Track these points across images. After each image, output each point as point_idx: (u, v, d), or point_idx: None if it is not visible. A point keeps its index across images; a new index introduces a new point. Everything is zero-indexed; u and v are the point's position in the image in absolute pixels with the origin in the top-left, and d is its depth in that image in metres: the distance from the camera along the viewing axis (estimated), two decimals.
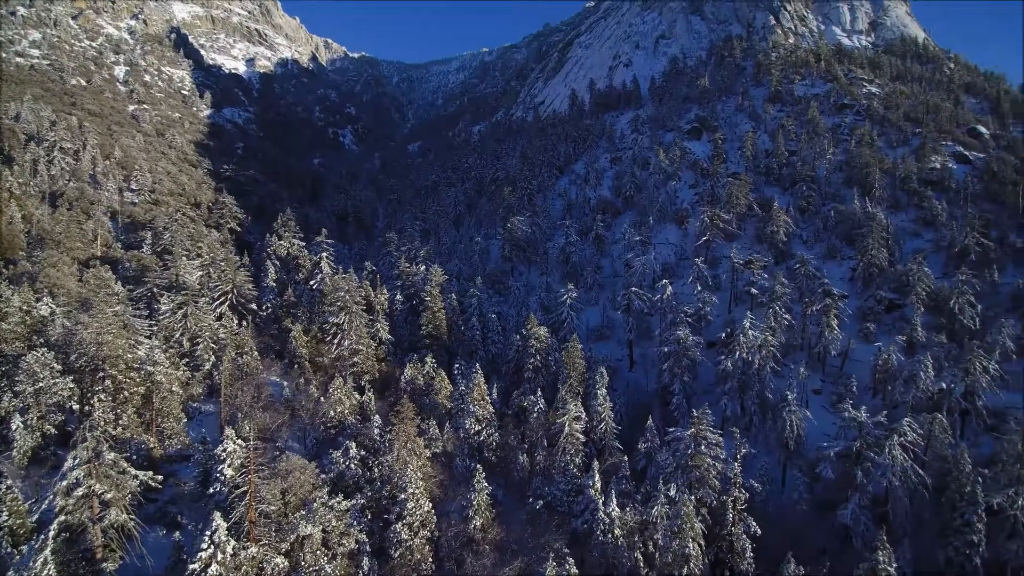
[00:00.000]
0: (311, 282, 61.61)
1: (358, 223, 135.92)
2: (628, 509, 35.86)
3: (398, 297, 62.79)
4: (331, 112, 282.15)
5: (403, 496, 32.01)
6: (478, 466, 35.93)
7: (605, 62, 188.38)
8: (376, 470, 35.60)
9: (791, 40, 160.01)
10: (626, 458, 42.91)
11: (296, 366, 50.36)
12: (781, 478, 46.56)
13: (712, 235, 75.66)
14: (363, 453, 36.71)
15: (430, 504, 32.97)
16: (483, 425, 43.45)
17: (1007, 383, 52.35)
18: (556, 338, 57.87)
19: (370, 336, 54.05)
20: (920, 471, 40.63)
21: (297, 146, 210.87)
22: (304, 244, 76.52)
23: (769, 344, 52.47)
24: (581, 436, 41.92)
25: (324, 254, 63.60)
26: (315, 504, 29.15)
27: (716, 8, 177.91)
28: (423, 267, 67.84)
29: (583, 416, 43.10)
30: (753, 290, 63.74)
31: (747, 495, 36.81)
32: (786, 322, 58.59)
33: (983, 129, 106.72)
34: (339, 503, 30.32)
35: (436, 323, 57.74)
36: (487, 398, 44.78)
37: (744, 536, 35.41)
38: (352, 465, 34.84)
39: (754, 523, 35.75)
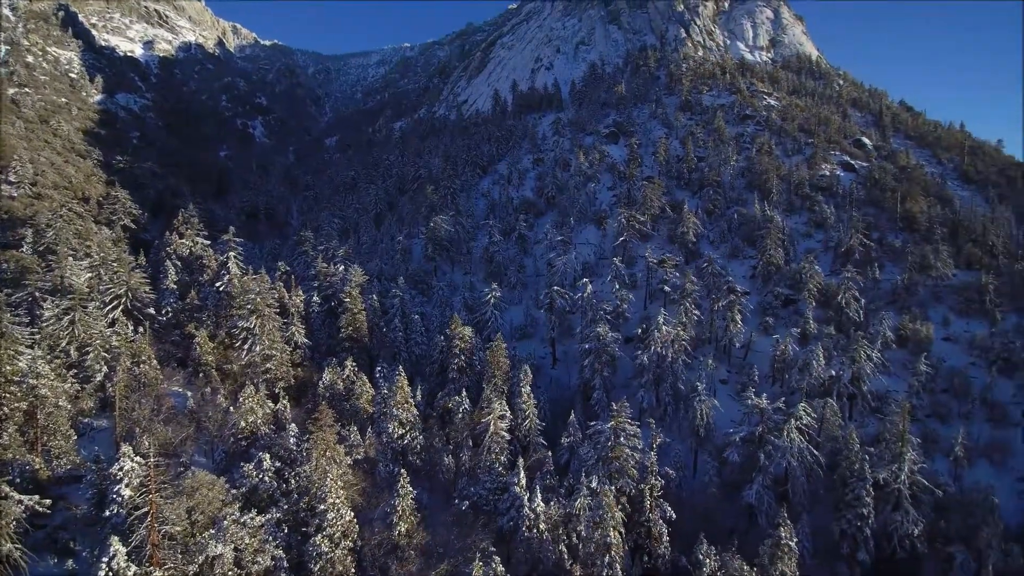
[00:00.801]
0: (217, 284, 57.47)
1: (270, 220, 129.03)
2: (553, 503, 36.68)
3: (315, 299, 60.23)
4: (240, 102, 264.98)
5: (323, 507, 30.75)
6: (402, 471, 35.21)
7: (527, 64, 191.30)
8: (293, 481, 33.93)
9: (700, 53, 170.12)
10: (550, 453, 43.88)
11: (201, 375, 46.88)
12: (693, 464, 49.50)
13: (629, 236, 78.94)
14: (278, 464, 34.85)
15: (352, 513, 31.90)
16: (407, 428, 42.64)
17: (888, 369, 58.94)
18: (480, 337, 57.99)
19: (284, 340, 51.43)
20: (815, 451, 44.62)
21: (201, 137, 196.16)
22: (209, 243, 71.45)
23: (681, 338, 55.62)
24: (506, 434, 42.32)
25: (232, 253, 59.46)
26: (225, 522, 27.33)
27: (632, 19, 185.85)
28: (342, 267, 65.55)
29: (508, 414, 43.55)
30: (666, 288, 67.16)
31: (663, 482, 38.75)
32: (696, 317, 62.41)
33: (867, 140, 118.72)
34: (252, 519, 28.65)
35: (356, 325, 55.98)
36: (411, 401, 44.00)
37: (661, 521, 37.30)
38: (266, 478, 32.96)
39: (669, 508, 37.72)
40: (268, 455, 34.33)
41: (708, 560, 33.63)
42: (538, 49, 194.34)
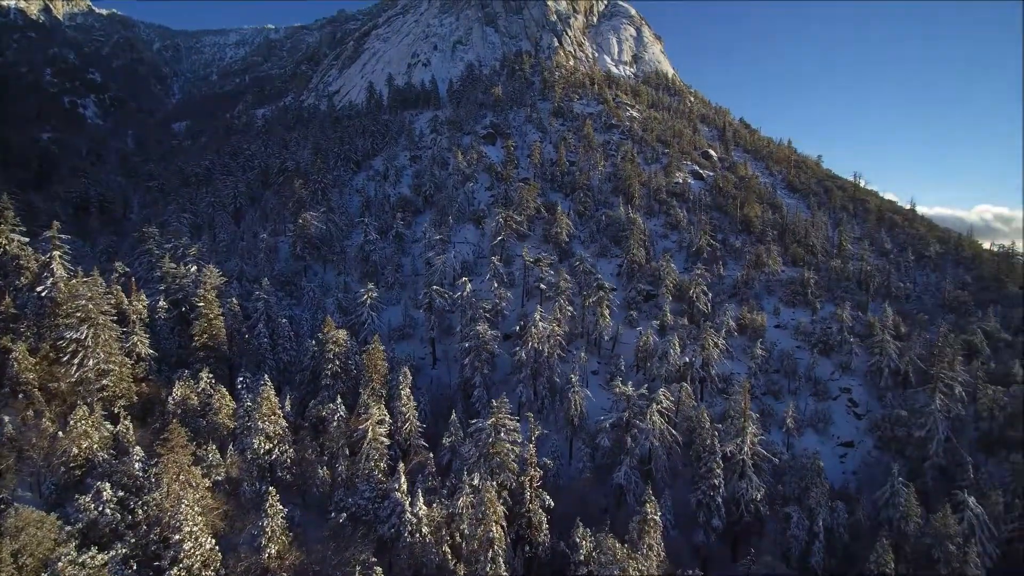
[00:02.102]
0: (39, 288, 48.33)
1: (104, 215, 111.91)
2: (435, 505, 36.24)
3: (161, 304, 53.32)
4: (68, 76, 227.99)
5: (177, 537, 27.38)
6: (270, 488, 32.50)
7: (404, 59, 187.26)
8: (141, 511, 29.78)
9: (571, 63, 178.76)
10: (431, 455, 43.30)
11: (21, 395, 39.29)
12: (569, 452, 51.85)
13: (506, 235, 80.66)
14: (121, 494, 30.42)
15: (213, 540, 28.80)
16: (275, 442, 39.50)
17: (731, 354, 66.56)
18: (356, 340, 55.61)
19: (124, 352, 44.85)
20: (673, 431, 48.97)
21: (18, 115, 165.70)
22: (28, 240, 60.23)
23: (556, 334, 58.03)
24: (385, 439, 40.97)
25: (57, 253, 50.37)
26: (60, 563, 23.44)
27: (508, 23, 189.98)
28: (194, 267, 58.89)
29: (387, 419, 42.20)
30: (542, 285, 69.70)
31: (541, 472, 40.08)
32: (569, 313, 65.53)
33: (713, 152, 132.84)
34: (93, 557, 24.85)
35: (212, 332, 50.51)
36: (278, 412, 40.82)
37: (540, 511, 38.49)
38: (107, 510, 28.62)
39: (548, 497, 39.07)
40: (108, 484, 29.83)
41: (584, 542, 35.38)
42: (415, 44, 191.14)
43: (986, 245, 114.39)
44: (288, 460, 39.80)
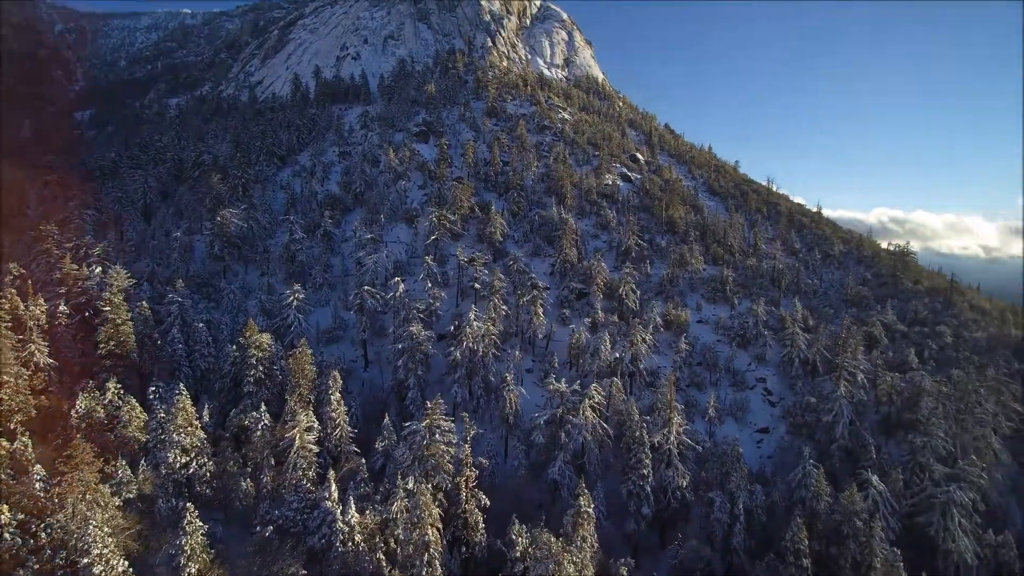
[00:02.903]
0: None
1: None
2: (368, 512, 35.32)
3: (62, 308, 48.68)
4: None
5: (86, 560, 25.30)
6: (188, 504, 30.53)
7: (333, 51, 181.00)
8: (44, 535, 27.34)
9: (505, 63, 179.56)
10: (363, 461, 42.15)
11: None
12: (504, 450, 52.13)
13: (440, 234, 79.86)
14: (22, 517, 27.75)
15: (126, 562, 26.82)
16: (192, 455, 37.14)
17: (658, 349, 69.44)
18: (282, 344, 53.13)
19: (20, 363, 40.68)
20: (605, 425, 50.40)
21: None
22: None
23: (491, 333, 58.12)
24: (314, 447, 39.47)
25: None
26: None
27: (441, 20, 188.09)
28: (99, 269, 54.22)
29: (315, 425, 40.66)
30: (476, 285, 69.62)
31: (477, 472, 40.01)
32: (504, 312, 65.86)
33: (640, 156, 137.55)
34: None
35: (120, 339, 46.65)
36: (196, 423, 38.43)
37: (476, 511, 38.42)
38: (6, 535, 26.10)
39: (484, 496, 39.05)
40: (6, 507, 27.15)
41: (520, 539, 35.68)
42: (344, 37, 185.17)
43: (883, 245, 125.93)
44: (207, 474, 37.56)
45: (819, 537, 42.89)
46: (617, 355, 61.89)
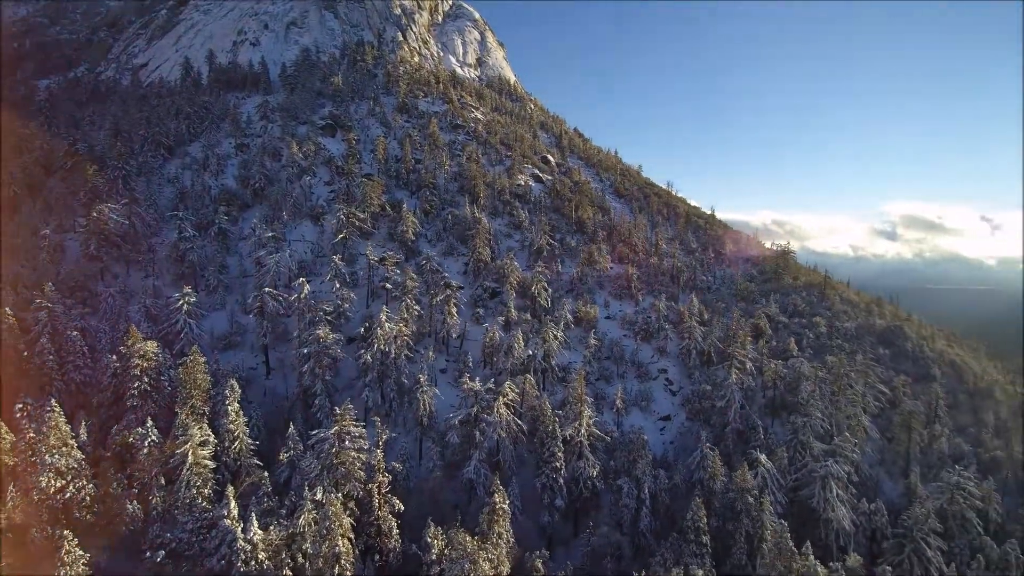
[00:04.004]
0: None
1: None
2: (273, 527, 33.26)
3: None
4: None
5: None
6: (66, 532, 27.35)
7: (229, 35, 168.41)
8: None
9: (416, 59, 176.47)
10: (266, 474, 39.63)
11: None
12: (419, 452, 51.34)
13: (349, 233, 76.96)
14: None
15: None
16: (69, 478, 33.20)
17: (569, 345, 71.52)
18: (170, 353, 48.76)
19: None
20: (519, 421, 51.03)
21: None
22: None
23: (403, 334, 56.89)
24: (210, 462, 36.58)
25: None
26: None
27: (349, 10, 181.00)
28: None
29: (211, 439, 37.72)
30: (388, 285, 67.89)
31: (390, 478, 39.08)
32: (416, 312, 64.66)
33: (551, 158, 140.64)
34: None
35: None
36: (72, 442, 34.39)
37: (390, 516, 37.50)
38: None
39: (398, 501, 38.22)
40: None
41: (435, 541, 35.30)
42: (242, 20, 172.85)
43: (767, 244, 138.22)
44: (87, 497, 33.76)
45: (716, 514, 46.06)
46: (530, 352, 62.99)
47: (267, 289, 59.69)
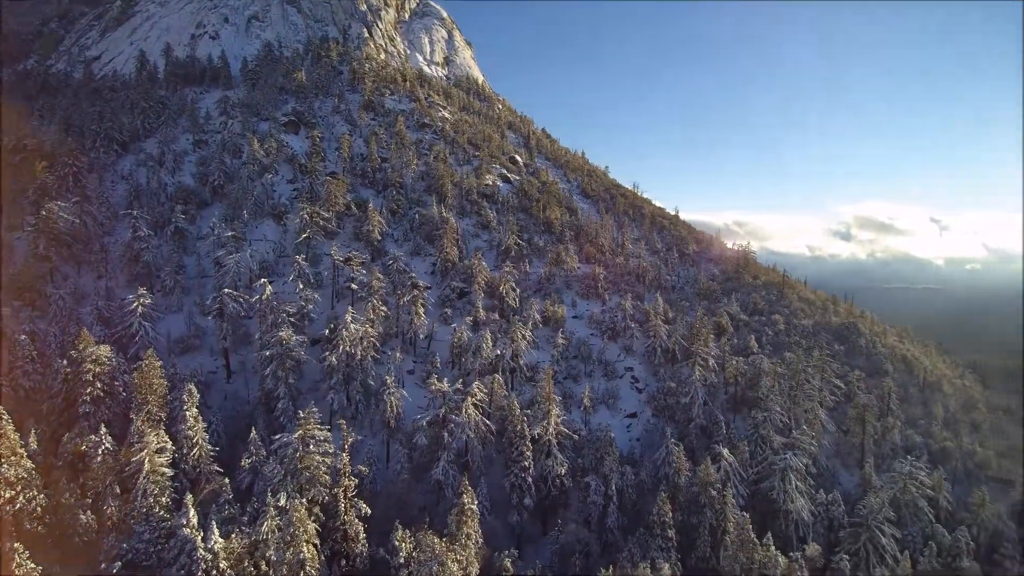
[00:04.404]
0: None
1: None
2: (235, 535, 32.38)
3: None
4: None
5: None
6: (16, 544, 26.17)
7: (187, 28, 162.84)
8: None
9: (382, 56, 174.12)
10: (227, 480, 38.61)
11: None
12: (386, 455, 50.76)
13: (313, 232, 75.41)
14: None
15: None
16: (18, 489, 31.69)
17: (537, 345, 71.83)
18: (125, 357, 46.93)
19: None
20: (487, 422, 51.07)
21: None
22: None
23: (369, 335, 56.16)
24: (168, 470, 35.37)
25: None
26: None
27: (313, 5, 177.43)
28: None
29: (169, 446, 36.48)
30: (353, 285, 66.89)
31: (356, 481, 38.54)
32: (383, 313, 64.01)
33: (519, 158, 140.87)
34: None
35: None
36: (20, 451, 32.78)
37: (357, 521, 36.97)
38: None
39: (365, 505, 37.70)
40: None
41: (403, 544, 34.98)
42: (201, 13, 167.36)
43: (729, 244, 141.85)
44: (39, 508, 32.37)
45: (681, 508, 47.10)
46: (498, 352, 63.07)
47: (227, 290, 58.02)
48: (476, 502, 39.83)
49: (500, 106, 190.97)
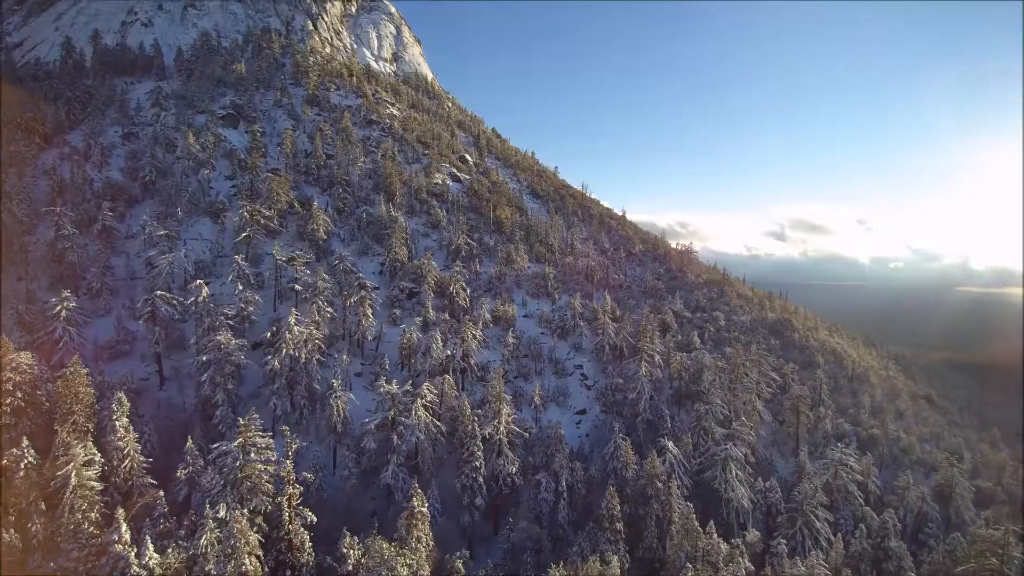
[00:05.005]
0: None
1: None
2: (171, 550, 30.93)
3: None
4: None
5: None
6: None
7: (117, 14, 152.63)
8: None
9: (328, 50, 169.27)
10: (162, 493, 36.73)
11: None
12: (332, 461, 49.60)
13: (253, 231, 72.58)
14: None
15: None
16: None
17: (488, 344, 72.00)
18: (48, 364, 43.80)
19: None
20: (438, 423, 50.81)
21: None
22: None
23: (315, 337, 54.65)
24: (97, 484, 33.36)
25: None
26: None
27: None
28: None
29: (98, 458, 34.43)
30: (297, 286, 64.91)
31: (301, 489, 37.45)
32: (329, 315, 62.32)
33: (469, 157, 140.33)
34: None
35: None
36: None
37: (302, 529, 35.93)
38: None
39: (310, 513, 36.67)
40: None
41: (352, 551, 34.36)
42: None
43: (673, 244, 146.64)
44: None
45: (629, 501, 48.43)
46: (448, 352, 62.79)
47: (159, 292, 55.10)
48: (427, 504, 39.57)
49: (450, 104, 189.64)
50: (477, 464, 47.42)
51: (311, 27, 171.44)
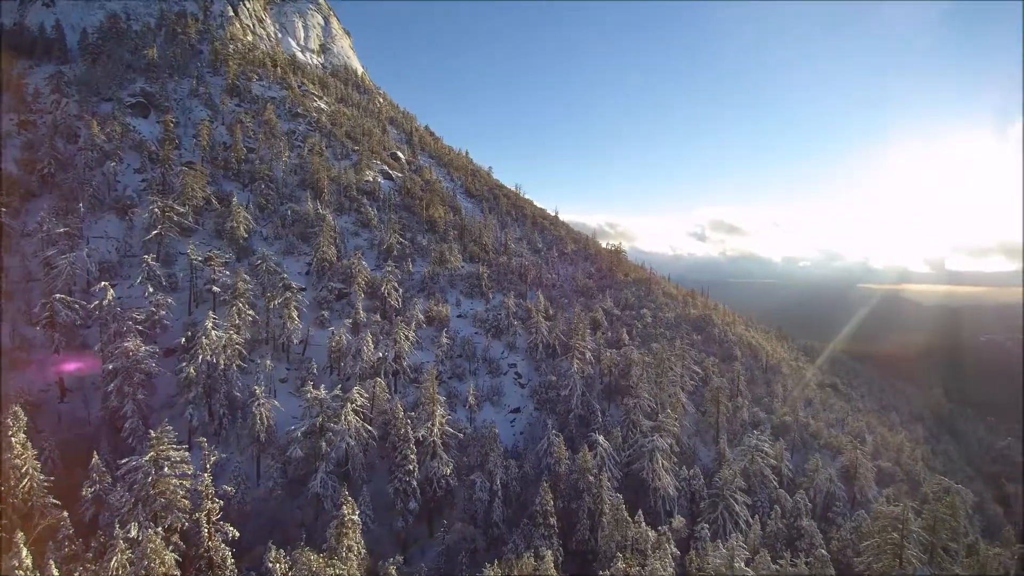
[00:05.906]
0: None
1: None
2: (78, 574, 28.68)
3: None
4: None
5: None
6: None
7: None
8: None
9: (249, 38, 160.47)
10: (66, 513, 33.69)
11: None
12: (256, 472, 47.32)
13: (165, 229, 67.71)
14: None
15: None
16: None
17: (421, 345, 71.08)
18: None
19: None
20: (369, 427, 49.67)
21: None
22: None
23: (235, 342, 51.77)
24: None
25: None
26: None
27: None
28: None
29: None
30: (215, 288, 61.21)
31: (221, 503, 35.49)
32: (250, 318, 59.16)
33: (401, 155, 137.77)
34: None
35: None
36: None
37: (223, 546, 34.11)
38: None
39: (232, 528, 34.89)
40: None
41: (278, 565, 32.89)
42: None
43: (603, 244, 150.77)
44: None
45: (562, 496, 49.58)
46: (380, 354, 61.48)
47: (59, 295, 50.42)
48: (358, 512, 38.62)
49: (381, 99, 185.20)
50: (410, 467, 46.77)
51: (231, 13, 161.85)
